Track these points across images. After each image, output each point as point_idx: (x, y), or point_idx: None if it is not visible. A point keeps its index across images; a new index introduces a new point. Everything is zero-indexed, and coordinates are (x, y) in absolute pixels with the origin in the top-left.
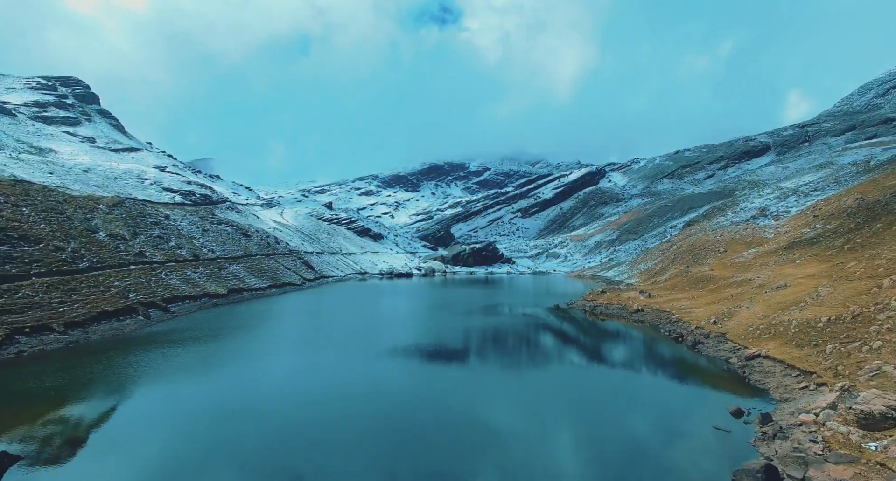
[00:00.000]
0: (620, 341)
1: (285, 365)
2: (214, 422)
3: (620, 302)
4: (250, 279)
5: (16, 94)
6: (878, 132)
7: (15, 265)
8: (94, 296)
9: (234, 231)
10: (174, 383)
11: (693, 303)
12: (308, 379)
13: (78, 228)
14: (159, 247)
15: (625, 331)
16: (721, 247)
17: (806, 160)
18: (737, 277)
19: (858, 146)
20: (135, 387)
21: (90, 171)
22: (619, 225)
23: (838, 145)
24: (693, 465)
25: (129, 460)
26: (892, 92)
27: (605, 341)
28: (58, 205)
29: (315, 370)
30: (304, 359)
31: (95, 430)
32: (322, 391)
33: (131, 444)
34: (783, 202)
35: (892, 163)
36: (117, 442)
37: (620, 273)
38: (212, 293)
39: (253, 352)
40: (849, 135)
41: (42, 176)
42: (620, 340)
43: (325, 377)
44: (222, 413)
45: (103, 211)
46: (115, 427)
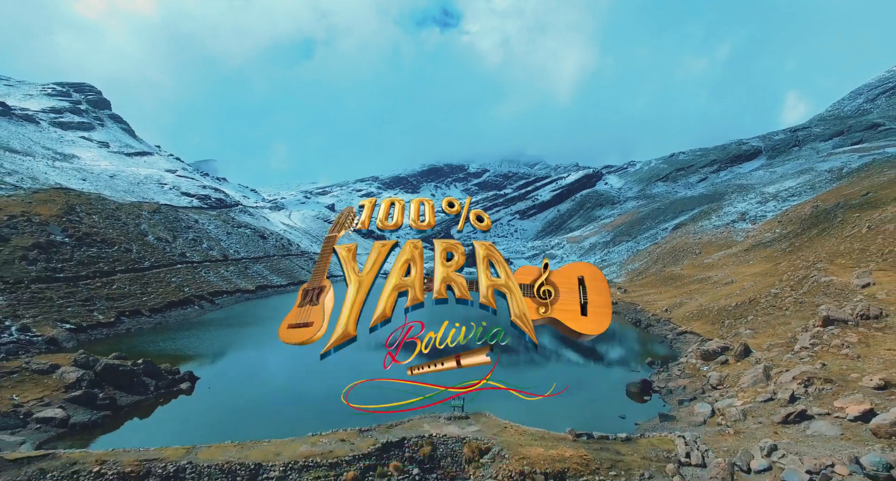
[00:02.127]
0: None
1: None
2: (284, 374)
3: None
4: (272, 277)
5: (33, 100)
6: (863, 137)
7: (106, 263)
8: (162, 289)
9: (252, 234)
10: (250, 350)
11: (658, 297)
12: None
13: (133, 232)
14: (195, 249)
15: None
16: (697, 249)
17: (793, 165)
18: (700, 276)
19: (842, 152)
20: (225, 351)
21: (116, 177)
22: (614, 227)
23: (825, 150)
24: (610, 384)
25: (241, 386)
26: (881, 97)
27: None
28: (113, 212)
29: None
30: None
31: (220, 369)
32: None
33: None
34: (763, 207)
35: (860, 172)
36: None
37: (611, 273)
38: (243, 289)
39: None
40: (836, 140)
41: (77, 182)
42: None
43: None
44: (284, 365)
45: (146, 217)
46: (228, 368)
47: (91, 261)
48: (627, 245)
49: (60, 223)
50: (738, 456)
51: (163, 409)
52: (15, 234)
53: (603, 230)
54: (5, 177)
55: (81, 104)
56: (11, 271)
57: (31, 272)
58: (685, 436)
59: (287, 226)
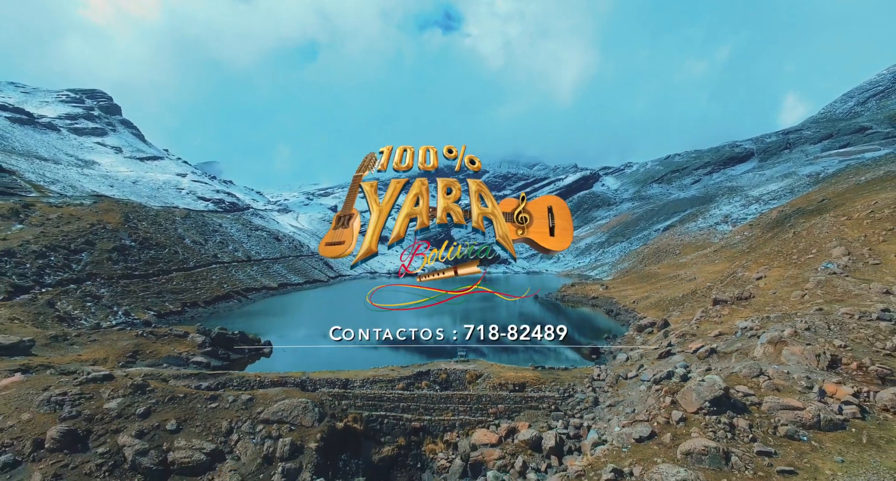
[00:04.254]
0: (573, 313)
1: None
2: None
3: (584, 292)
4: (290, 276)
5: (49, 107)
6: (850, 141)
7: (164, 263)
8: (208, 286)
9: (268, 236)
10: (295, 330)
11: (633, 292)
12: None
13: (173, 236)
14: (223, 250)
15: (579, 309)
16: (678, 249)
17: (780, 168)
18: (672, 274)
19: (827, 155)
20: (276, 332)
21: (138, 183)
22: (609, 228)
23: (814, 153)
24: (571, 352)
25: (304, 352)
26: (871, 100)
27: (563, 313)
28: (154, 219)
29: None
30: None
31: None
32: None
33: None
34: (746, 209)
35: (833, 177)
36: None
37: (602, 272)
38: (268, 286)
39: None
40: (825, 144)
41: (106, 189)
42: (573, 313)
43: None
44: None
45: (180, 222)
46: (284, 343)
47: (153, 262)
48: (621, 245)
49: (124, 229)
50: (622, 373)
51: (257, 364)
52: (98, 240)
53: (599, 231)
54: (50, 185)
55: (94, 110)
56: (104, 269)
57: (117, 270)
58: (600, 366)
59: (295, 228)
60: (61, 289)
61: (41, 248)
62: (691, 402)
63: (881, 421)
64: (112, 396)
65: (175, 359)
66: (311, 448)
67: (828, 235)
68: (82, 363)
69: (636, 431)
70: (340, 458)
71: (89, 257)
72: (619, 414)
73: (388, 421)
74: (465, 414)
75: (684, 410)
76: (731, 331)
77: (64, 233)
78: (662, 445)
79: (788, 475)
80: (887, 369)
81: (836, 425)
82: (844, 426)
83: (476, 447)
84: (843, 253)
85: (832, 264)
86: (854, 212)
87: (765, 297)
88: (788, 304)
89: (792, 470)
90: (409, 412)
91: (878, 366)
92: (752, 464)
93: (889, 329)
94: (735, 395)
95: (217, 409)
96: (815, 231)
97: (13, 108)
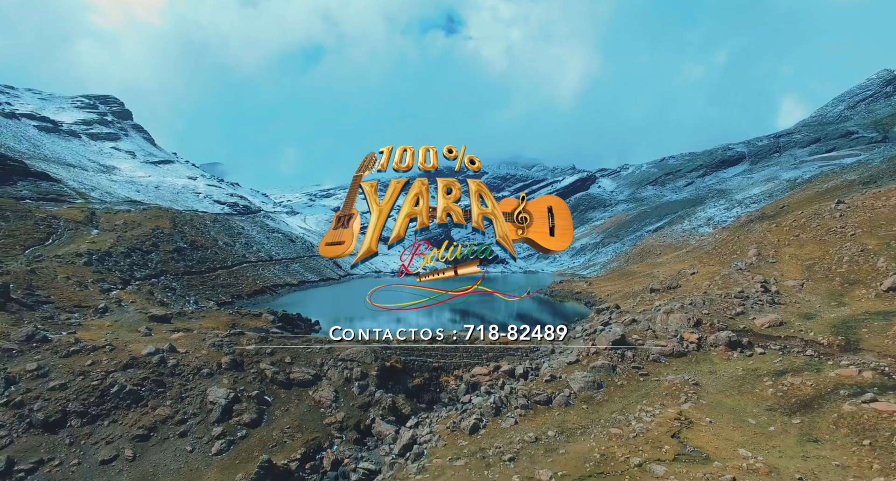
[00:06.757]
0: (559, 305)
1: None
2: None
3: (570, 288)
4: (307, 274)
5: (66, 113)
6: (836, 145)
7: (210, 263)
8: (245, 282)
9: (283, 237)
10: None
11: (611, 288)
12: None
13: (210, 238)
14: (249, 251)
15: (566, 303)
16: (660, 250)
17: (766, 172)
18: (647, 272)
19: (812, 160)
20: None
21: (160, 188)
22: (604, 229)
23: (801, 157)
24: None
25: None
26: (860, 104)
27: (550, 305)
28: (191, 222)
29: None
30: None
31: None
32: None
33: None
34: (728, 213)
35: (806, 183)
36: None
37: (594, 271)
38: (290, 283)
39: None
40: (813, 147)
41: (134, 194)
42: (559, 304)
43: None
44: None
45: (210, 225)
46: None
47: (202, 261)
48: (614, 246)
49: (176, 233)
50: (574, 335)
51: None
52: (160, 242)
53: (594, 232)
54: (90, 192)
55: (108, 116)
56: (170, 267)
57: (180, 268)
58: None
59: (304, 229)
60: (148, 282)
61: (126, 250)
62: (602, 342)
63: (706, 351)
64: (248, 343)
65: (259, 330)
66: (373, 374)
67: (754, 239)
68: (207, 329)
69: (568, 359)
70: (388, 383)
71: (158, 257)
72: (563, 354)
73: (417, 362)
74: (467, 359)
75: (597, 347)
76: (652, 308)
77: (135, 236)
78: (581, 365)
79: (644, 376)
80: (725, 325)
81: (681, 354)
82: (686, 354)
83: (474, 376)
84: (754, 253)
85: (740, 263)
86: (785, 220)
87: (688, 287)
88: (699, 291)
89: (647, 374)
90: (431, 357)
91: (719, 323)
92: (627, 372)
93: (738, 303)
94: (630, 340)
95: (311, 353)
96: (750, 235)
97: (40, 117)
